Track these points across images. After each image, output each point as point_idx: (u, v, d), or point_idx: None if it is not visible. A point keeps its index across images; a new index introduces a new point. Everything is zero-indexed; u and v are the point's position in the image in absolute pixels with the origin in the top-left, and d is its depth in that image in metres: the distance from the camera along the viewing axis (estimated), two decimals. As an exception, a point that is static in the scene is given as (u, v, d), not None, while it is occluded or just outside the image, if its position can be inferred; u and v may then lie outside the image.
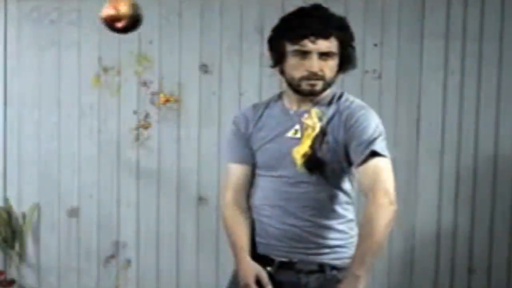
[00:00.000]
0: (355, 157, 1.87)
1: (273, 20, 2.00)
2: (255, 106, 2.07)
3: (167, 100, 3.42)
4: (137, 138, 3.46)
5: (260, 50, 3.31)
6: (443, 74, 3.30)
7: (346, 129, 1.89)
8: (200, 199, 3.45)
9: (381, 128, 1.89)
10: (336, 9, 2.02)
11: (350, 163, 1.92)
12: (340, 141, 1.90)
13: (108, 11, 1.76)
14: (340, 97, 1.97)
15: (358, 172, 1.87)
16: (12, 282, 3.50)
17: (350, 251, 1.93)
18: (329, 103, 1.95)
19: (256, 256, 1.98)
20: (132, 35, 3.38)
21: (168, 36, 3.40)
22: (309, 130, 1.92)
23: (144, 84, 3.43)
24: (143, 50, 3.42)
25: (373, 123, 1.88)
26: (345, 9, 3.22)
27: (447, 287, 3.37)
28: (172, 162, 3.44)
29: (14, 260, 3.51)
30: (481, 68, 3.28)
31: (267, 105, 2.04)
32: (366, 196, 1.83)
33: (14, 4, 3.47)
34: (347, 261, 1.90)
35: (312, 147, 1.90)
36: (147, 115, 3.44)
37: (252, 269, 1.94)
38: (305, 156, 1.91)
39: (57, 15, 3.45)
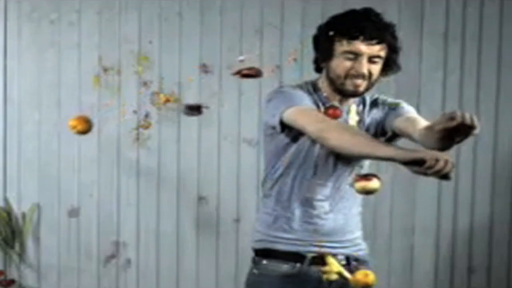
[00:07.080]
0: (398, 117, 1.99)
1: (273, 20, 2.00)
2: (301, 88, 2.00)
3: (167, 100, 3.42)
4: (137, 138, 3.46)
5: (260, 50, 3.31)
6: (443, 74, 3.30)
7: (383, 109, 2.02)
8: (200, 199, 3.45)
9: None
10: (336, 9, 2.03)
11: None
12: (376, 122, 2.01)
13: None
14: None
15: (407, 119, 1.99)
16: (12, 282, 3.50)
17: (363, 244, 2.07)
18: (359, 101, 2.04)
19: (284, 253, 1.98)
20: (132, 35, 3.43)
21: (168, 36, 3.40)
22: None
23: (144, 84, 3.44)
24: (143, 50, 3.42)
25: None
26: (344, 9, 3.21)
27: (447, 287, 3.37)
28: (172, 162, 3.44)
29: (14, 260, 3.51)
30: (480, 67, 3.29)
31: (309, 94, 1.98)
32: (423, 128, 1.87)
33: (14, 4, 3.47)
34: (366, 252, 2.07)
35: None
36: (147, 115, 3.44)
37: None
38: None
39: (57, 15, 3.45)
